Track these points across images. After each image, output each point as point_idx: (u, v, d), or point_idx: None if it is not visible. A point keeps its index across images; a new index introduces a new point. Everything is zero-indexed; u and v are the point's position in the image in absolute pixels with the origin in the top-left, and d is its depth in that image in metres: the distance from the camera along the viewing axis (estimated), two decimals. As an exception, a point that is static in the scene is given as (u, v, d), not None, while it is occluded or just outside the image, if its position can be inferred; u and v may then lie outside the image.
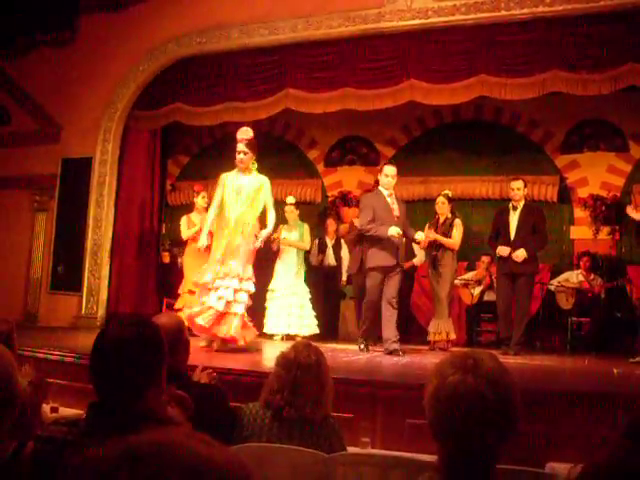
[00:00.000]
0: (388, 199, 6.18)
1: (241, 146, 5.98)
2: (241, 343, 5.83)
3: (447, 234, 7.02)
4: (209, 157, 9.76)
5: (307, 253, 8.11)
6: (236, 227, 5.93)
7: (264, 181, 6.07)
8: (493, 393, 1.33)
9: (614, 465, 1.07)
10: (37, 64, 8.81)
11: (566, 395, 3.83)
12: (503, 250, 6.48)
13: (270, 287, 7.57)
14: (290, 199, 7.94)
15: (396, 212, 6.17)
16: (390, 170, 6.22)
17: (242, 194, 6.02)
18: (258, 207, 6.04)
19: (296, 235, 7.71)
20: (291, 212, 7.81)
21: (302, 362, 2.61)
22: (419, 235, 6.33)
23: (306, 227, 7.87)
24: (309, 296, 7.57)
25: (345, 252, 8.21)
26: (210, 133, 9.93)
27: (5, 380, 1.81)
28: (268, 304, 7.52)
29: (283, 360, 2.68)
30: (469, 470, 1.34)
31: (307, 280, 7.83)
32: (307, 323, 7.39)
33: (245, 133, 6.01)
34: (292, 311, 7.36)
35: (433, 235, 6.90)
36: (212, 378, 3.03)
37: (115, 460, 0.70)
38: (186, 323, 3.52)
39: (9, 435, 1.78)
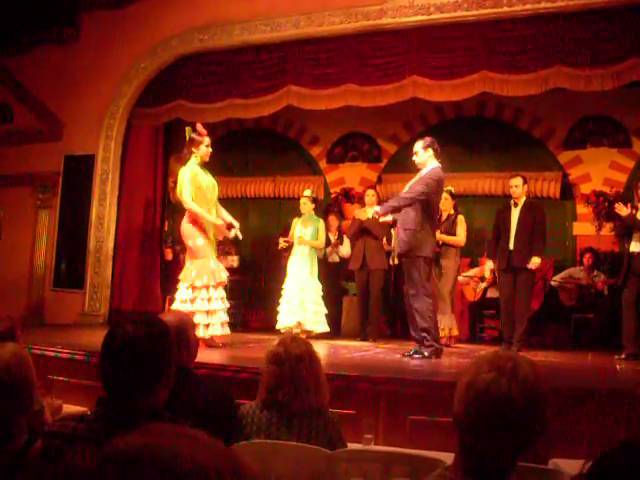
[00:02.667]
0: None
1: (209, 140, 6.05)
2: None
3: (450, 231, 7.02)
4: (211, 154, 9.73)
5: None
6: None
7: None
8: (524, 401, 1.31)
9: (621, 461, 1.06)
10: (39, 62, 8.80)
11: (569, 391, 3.83)
12: (489, 266, 6.84)
13: (284, 286, 7.41)
14: (307, 192, 7.83)
15: None
16: (415, 145, 5.70)
17: (215, 192, 6.08)
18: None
19: (311, 230, 7.50)
20: (304, 204, 7.58)
21: (293, 354, 2.58)
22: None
23: (321, 223, 7.64)
24: (321, 293, 7.44)
25: (346, 248, 8.15)
26: (212, 130, 9.91)
27: (24, 380, 1.83)
28: (282, 300, 7.35)
29: (274, 356, 2.61)
30: (483, 471, 1.33)
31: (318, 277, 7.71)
32: (322, 320, 7.31)
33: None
34: (307, 307, 7.22)
35: (439, 237, 6.70)
36: None
37: (99, 465, 0.71)
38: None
39: (23, 430, 1.79)
